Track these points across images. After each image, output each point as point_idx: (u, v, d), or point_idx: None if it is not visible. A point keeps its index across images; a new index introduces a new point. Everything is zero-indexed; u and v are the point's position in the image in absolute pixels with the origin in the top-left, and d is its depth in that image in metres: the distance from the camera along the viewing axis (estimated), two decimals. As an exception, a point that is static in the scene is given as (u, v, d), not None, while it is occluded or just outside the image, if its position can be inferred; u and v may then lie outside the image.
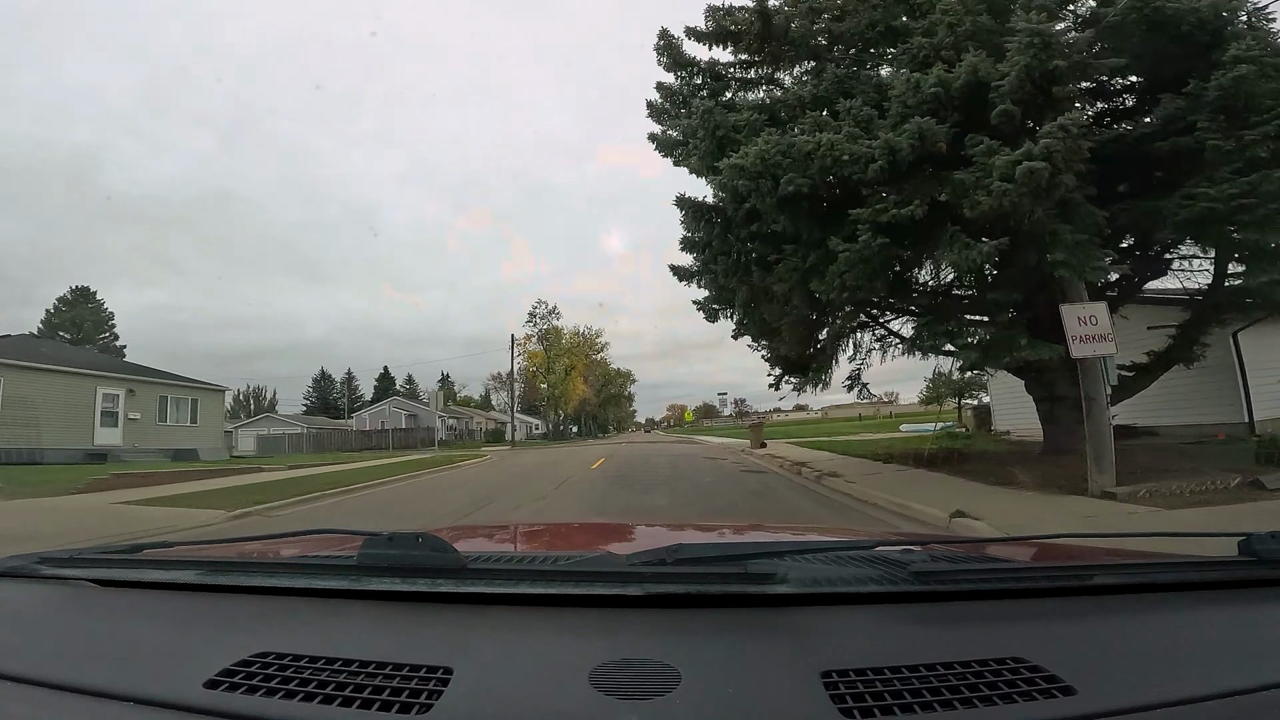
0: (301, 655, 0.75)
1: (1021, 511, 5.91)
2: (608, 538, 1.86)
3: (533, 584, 0.91)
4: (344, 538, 1.37)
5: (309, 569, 1.05)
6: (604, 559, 1.10)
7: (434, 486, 12.38)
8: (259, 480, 12.89)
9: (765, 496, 8.72)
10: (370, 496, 10.81)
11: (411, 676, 0.69)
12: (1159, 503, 5.88)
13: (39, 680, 0.74)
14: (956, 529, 5.45)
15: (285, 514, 8.61)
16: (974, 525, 5.44)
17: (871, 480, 9.12)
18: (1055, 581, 0.91)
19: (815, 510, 7.56)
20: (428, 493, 11.22)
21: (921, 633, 0.80)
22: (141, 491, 10.66)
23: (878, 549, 1.09)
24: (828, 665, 0.69)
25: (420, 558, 0.95)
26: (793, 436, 25.93)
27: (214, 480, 13.39)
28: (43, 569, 1.10)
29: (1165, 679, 0.68)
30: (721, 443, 27.36)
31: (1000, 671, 0.67)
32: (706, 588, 0.86)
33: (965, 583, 0.89)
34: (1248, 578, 0.91)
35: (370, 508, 9.39)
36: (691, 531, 1.92)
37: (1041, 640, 0.76)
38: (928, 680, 0.66)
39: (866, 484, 8.70)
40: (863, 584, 0.89)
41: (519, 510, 8.26)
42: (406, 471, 15.30)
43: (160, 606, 1.00)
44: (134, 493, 10.50)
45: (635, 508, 7.97)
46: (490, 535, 2.08)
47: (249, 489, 10.88)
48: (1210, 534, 1.13)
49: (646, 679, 0.67)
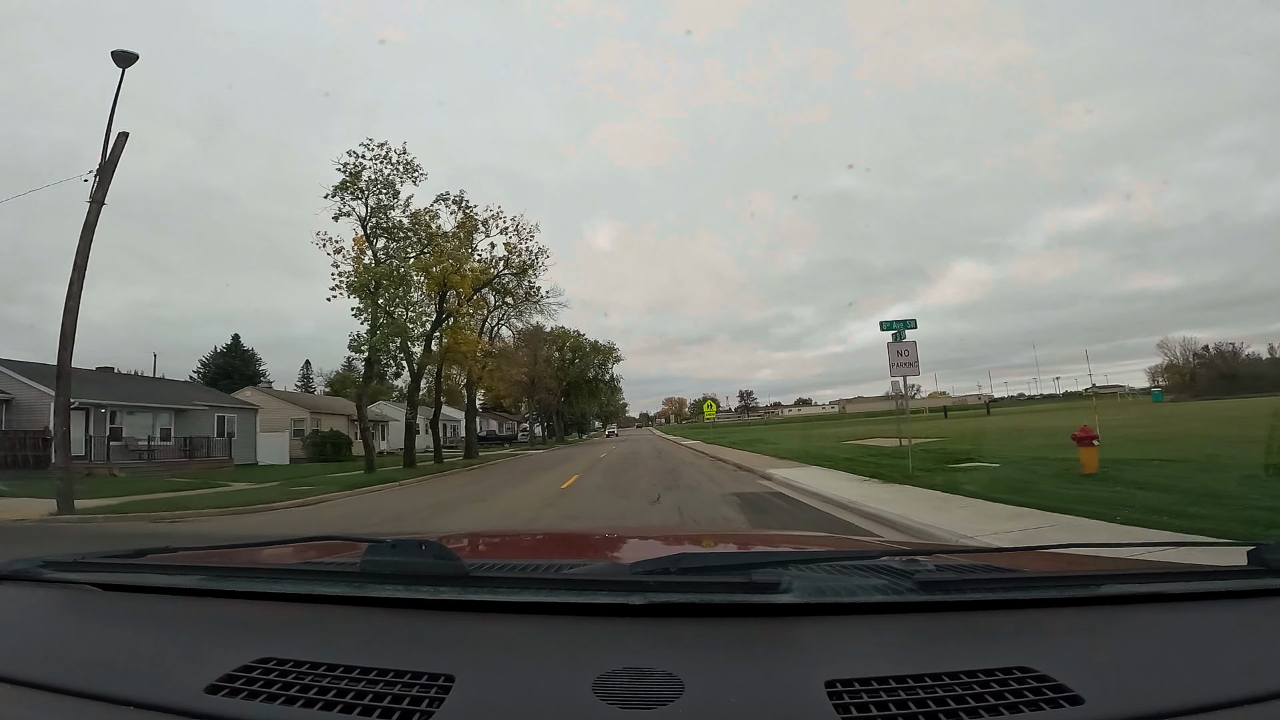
0: (303, 661, 0.75)
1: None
2: (611, 546, 1.86)
3: (535, 592, 0.91)
4: (347, 544, 1.37)
5: (312, 575, 1.05)
6: (607, 568, 1.10)
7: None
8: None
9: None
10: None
11: (413, 684, 0.69)
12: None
13: (41, 684, 0.74)
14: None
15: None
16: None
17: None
18: (1062, 591, 0.91)
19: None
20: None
21: (927, 642, 0.80)
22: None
23: (882, 559, 1.08)
24: (832, 675, 0.68)
25: (423, 565, 0.95)
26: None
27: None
28: (46, 573, 1.10)
29: (1173, 688, 0.67)
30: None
31: (1007, 681, 0.67)
32: (710, 597, 0.86)
33: (971, 592, 0.89)
34: (1257, 588, 0.90)
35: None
36: (694, 540, 1.91)
37: (1049, 649, 0.75)
38: (933, 690, 0.65)
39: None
40: (868, 594, 0.88)
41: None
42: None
43: (162, 611, 1.00)
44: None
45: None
46: (493, 543, 2.08)
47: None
48: (1219, 543, 1.12)
49: (650, 688, 0.66)
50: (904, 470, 10.23)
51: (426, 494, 14.14)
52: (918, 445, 13.70)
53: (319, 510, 11.75)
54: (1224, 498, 6.06)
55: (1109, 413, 30.29)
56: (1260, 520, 5.07)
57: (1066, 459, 9.68)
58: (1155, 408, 44.74)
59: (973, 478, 9.13)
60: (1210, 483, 6.96)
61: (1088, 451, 8.55)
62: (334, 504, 12.93)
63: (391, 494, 14.71)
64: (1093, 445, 8.62)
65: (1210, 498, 6.09)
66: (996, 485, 8.11)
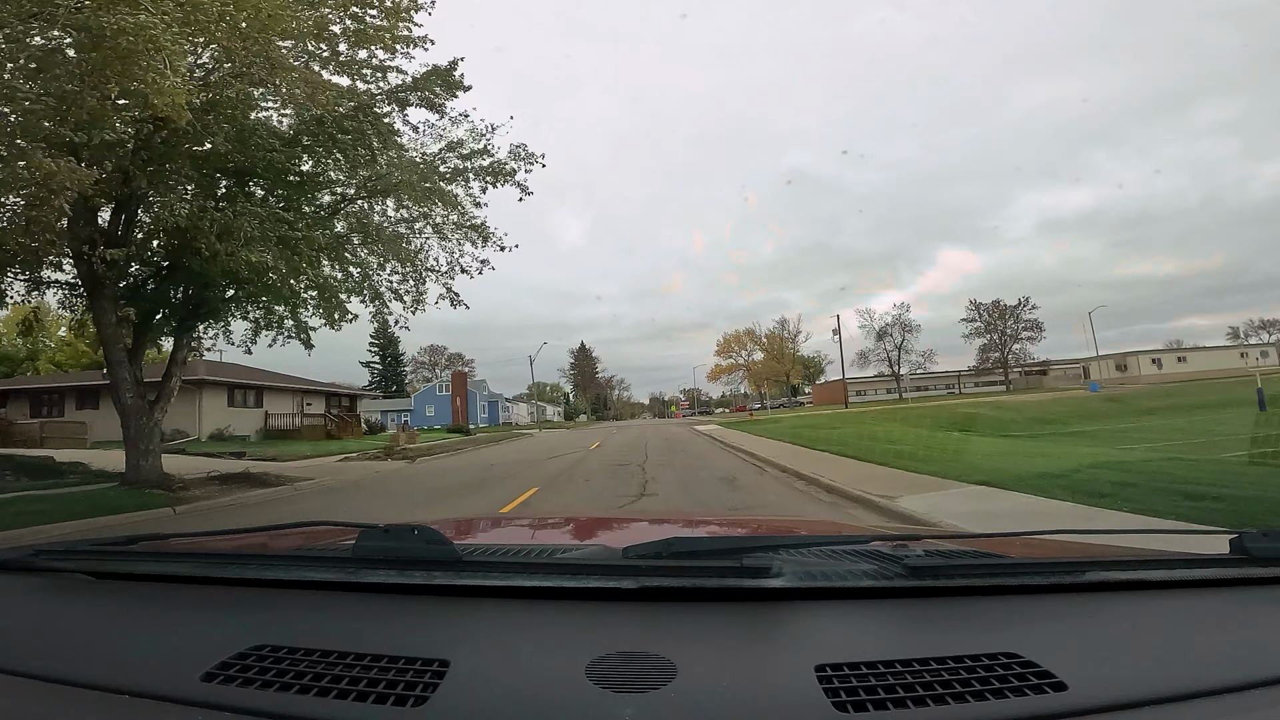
0: (298, 648, 0.75)
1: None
2: (603, 530, 1.87)
3: (528, 577, 0.91)
4: (340, 530, 1.37)
5: (305, 561, 1.05)
6: (599, 552, 1.11)
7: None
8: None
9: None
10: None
11: (408, 669, 0.69)
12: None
13: (34, 674, 0.74)
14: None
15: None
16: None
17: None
18: (1048, 577, 0.92)
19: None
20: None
21: (915, 627, 0.81)
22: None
23: (872, 544, 1.09)
24: (822, 659, 0.69)
25: (416, 550, 0.95)
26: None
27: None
28: (38, 561, 1.10)
29: (1156, 676, 0.68)
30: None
31: (993, 667, 0.68)
32: (702, 581, 0.87)
33: (959, 578, 0.90)
34: (1239, 576, 0.92)
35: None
36: (686, 525, 1.92)
37: (1034, 636, 0.76)
38: (920, 675, 0.67)
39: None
40: (857, 579, 0.90)
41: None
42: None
43: (156, 599, 1.00)
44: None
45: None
46: (486, 528, 2.08)
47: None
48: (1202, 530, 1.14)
49: (642, 672, 0.67)
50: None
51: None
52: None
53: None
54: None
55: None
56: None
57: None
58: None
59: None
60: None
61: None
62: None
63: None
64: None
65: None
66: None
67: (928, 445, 12.10)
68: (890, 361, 69.24)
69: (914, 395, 62.81)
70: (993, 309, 68.64)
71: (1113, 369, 57.79)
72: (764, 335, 78.36)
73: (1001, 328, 67.93)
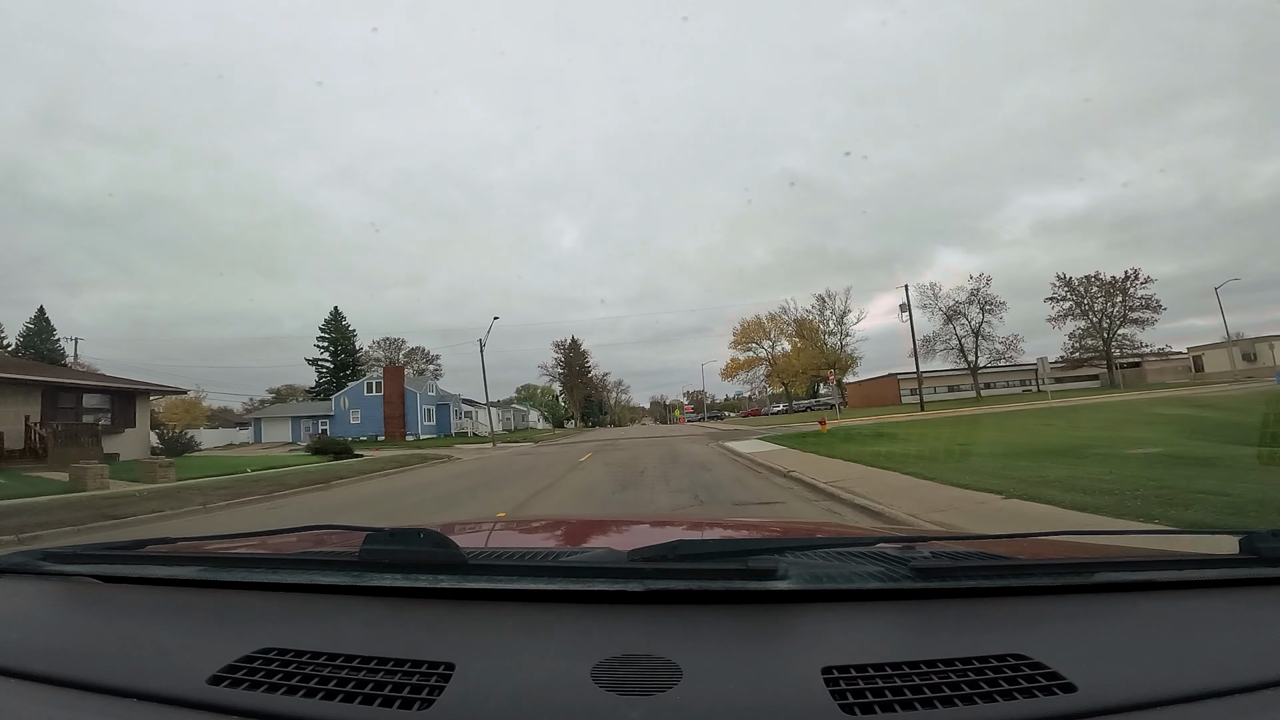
0: (304, 651, 0.75)
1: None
2: (609, 533, 1.87)
3: (534, 580, 0.91)
4: (346, 533, 1.37)
5: (311, 565, 1.05)
6: (605, 555, 1.10)
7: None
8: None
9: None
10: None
11: (414, 672, 0.69)
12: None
13: (43, 677, 0.75)
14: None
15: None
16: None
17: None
18: (1057, 579, 0.91)
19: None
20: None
21: (923, 629, 0.80)
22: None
23: (879, 546, 1.09)
24: (829, 662, 0.69)
25: (422, 554, 0.95)
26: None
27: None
28: (46, 565, 1.10)
29: (1166, 677, 0.68)
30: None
31: (1001, 668, 0.68)
32: (708, 584, 0.86)
33: (967, 579, 0.89)
34: (1249, 576, 0.91)
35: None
36: (691, 527, 1.92)
37: (1043, 637, 0.76)
38: (928, 677, 0.66)
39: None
40: (864, 580, 0.89)
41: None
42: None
43: (163, 602, 1.00)
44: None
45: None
46: (492, 531, 2.08)
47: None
48: (1210, 531, 1.13)
49: (648, 675, 0.67)
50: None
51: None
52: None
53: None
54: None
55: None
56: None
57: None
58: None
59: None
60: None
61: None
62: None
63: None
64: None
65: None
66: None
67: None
68: (963, 350, 53.60)
69: (986, 393, 51.48)
70: (1089, 284, 51.86)
71: (1239, 359, 46.99)
72: (794, 320, 62.28)
73: (1104, 308, 51.51)
